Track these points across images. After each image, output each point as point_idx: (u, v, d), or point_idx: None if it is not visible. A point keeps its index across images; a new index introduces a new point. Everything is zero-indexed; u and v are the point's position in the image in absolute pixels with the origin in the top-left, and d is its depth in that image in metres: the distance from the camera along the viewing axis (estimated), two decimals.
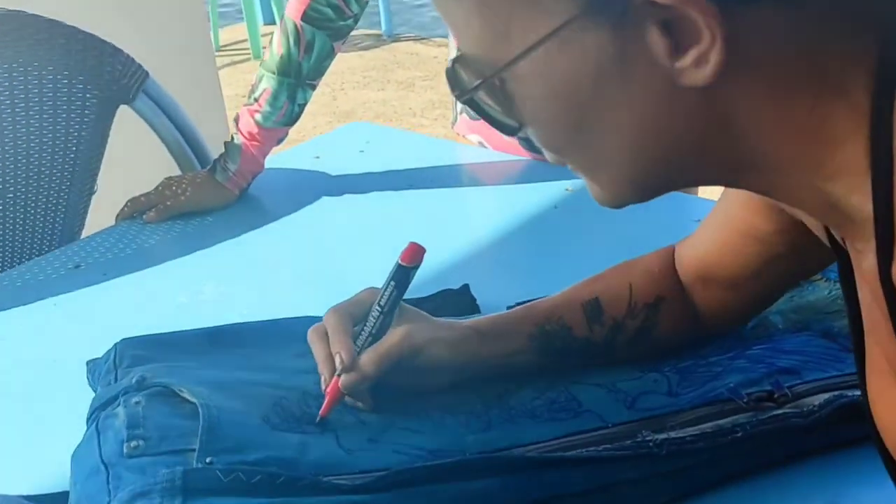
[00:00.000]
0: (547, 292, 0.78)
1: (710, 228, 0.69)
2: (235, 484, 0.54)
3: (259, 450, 0.58)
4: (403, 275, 0.66)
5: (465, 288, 0.86)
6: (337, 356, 0.63)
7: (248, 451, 0.58)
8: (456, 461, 0.58)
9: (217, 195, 1.09)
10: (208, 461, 0.56)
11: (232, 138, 1.09)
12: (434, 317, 0.69)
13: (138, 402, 0.62)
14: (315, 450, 0.60)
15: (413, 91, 3.74)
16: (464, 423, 0.65)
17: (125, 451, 0.58)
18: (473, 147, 1.21)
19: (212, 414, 0.59)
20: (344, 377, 0.63)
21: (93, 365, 0.73)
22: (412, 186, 1.11)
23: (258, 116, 1.07)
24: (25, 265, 1.02)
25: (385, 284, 0.66)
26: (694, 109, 0.41)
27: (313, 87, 1.08)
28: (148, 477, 0.55)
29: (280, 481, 0.55)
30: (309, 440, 0.61)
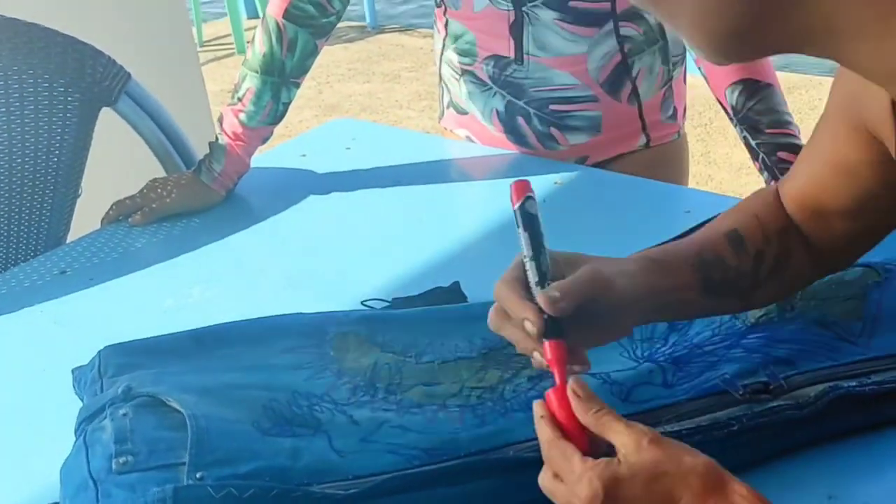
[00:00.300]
0: None
1: (805, 163, 0.69)
2: (228, 500, 0.54)
3: (250, 460, 0.57)
4: (525, 216, 0.62)
5: (456, 285, 0.85)
6: (525, 323, 0.59)
7: (240, 463, 0.57)
8: (447, 467, 0.58)
9: (203, 196, 1.08)
10: (199, 476, 0.56)
11: (216, 138, 1.08)
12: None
13: (125, 414, 0.61)
14: (307, 454, 0.59)
15: (399, 83, 3.73)
16: (457, 419, 0.64)
17: (114, 467, 0.57)
18: (461, 142, 1.20)
19: (200, 425, 0.59)
20: (554, 306, 0.58)
21: (78, 373, 0.72)
22: (399, 183, 1.11)
23: (242, 116, 1.06)
24: (11, 272, 1.01)
25: (519, 237, 0.62)
26: None
27: (297, 85, 1.07)
28: (138, 495, 0.55)
29: (273, 494, 0.54)
30: (301, 444, 0.60)
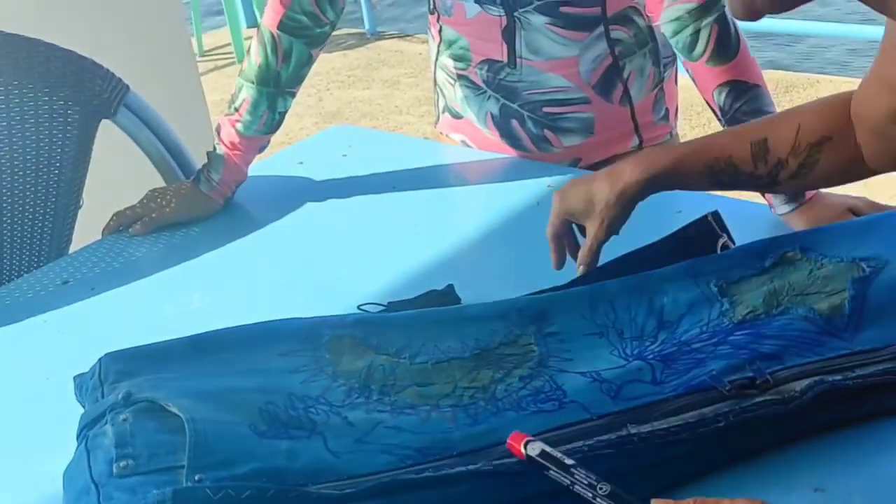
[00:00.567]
0: (531, 290, 0.79)
1: (880, 66, 0.72)
2: (225, 501, 0.55)
3: (248, 461, 0.59)
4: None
5: (450, 288, 0.87)
6: (580, 268, 0.76)
7: (237, 465, 0.58)
8: (438, 474, 0.59)
9: (202, 205, 1.09)
10: (197, 479, 0.57)
11: (214, 148, 1.10)
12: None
13: (126, 419, 0.63)
14: (303, 456, 0.61)
15: (398, 89, 3.74)
16: (450, 418, 0.65)
17: (115, 471, 0.59)
18: (456, 147, 1.22)
19: (198, 428, 0.60)
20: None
21: (80, 380, 0.74)
22: (396, 188, 1.12)
23: (239, 126, 1.08)
24: (14, 283, 1.03)
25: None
26: None
27: (293, 95, 1.09)
28: (139, 497, 0.56)
29: (269, 494, 0.56)
30: (297, 446, 0.62)
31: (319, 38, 1.06)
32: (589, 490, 0.57)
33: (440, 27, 1.14)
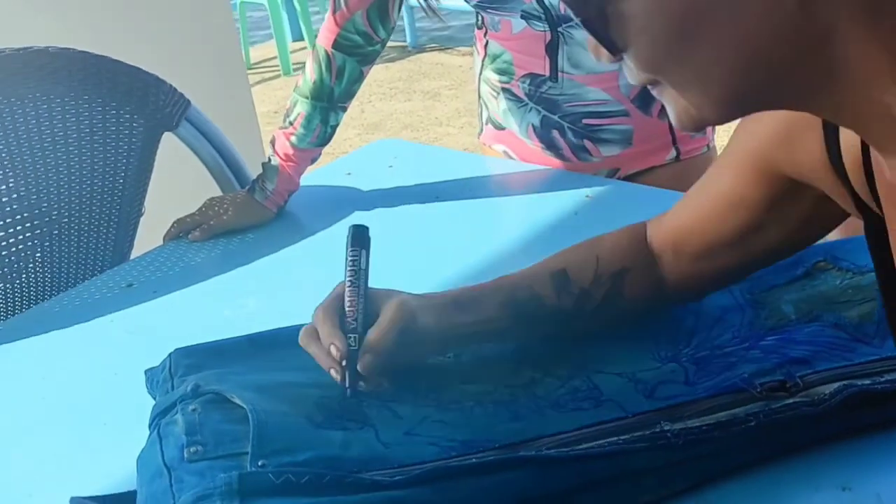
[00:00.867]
0: None
1: (693, 198, 0.72)
2: (286, 485, 0.59)
3: (306, 449, 0.63)
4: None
5: None
6: (332, 347, 0.70)
7: (296, 452, 0.63)
8: (483, 461, 0.62)
9: (257, 213, 1.15)
10: (260, 464, 0.62)
11: (269, 159, 1.15)
12: None
13: (195, 410, 0.68)
14: (356, 445, 0.65)
15: (439, 101, 3.79)
16: (492, 414, 0.69)
17: (185, 456, 0.64)
18: (498, 158, 1.26)
19: (260, 418, 0.65)
20: (361, 361, 0.70)
21: (150, 374, 0.79)
22: (439, 199, 1.16)
23: (293, 139, 1.13)
24: (82, 285, 1.09)
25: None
26: (795, 20, 0.43)
27: (344, 109, 1.14)
28: (207, 480, 0.61)
29: (326, 480, 0.60)
30: (350, 436, 0.66)
31: (371, 56, 1.11)
32: None
33: (486, 42, 1.19)
